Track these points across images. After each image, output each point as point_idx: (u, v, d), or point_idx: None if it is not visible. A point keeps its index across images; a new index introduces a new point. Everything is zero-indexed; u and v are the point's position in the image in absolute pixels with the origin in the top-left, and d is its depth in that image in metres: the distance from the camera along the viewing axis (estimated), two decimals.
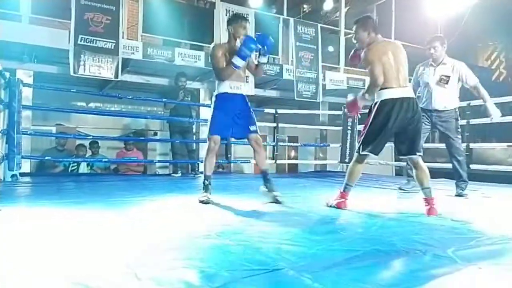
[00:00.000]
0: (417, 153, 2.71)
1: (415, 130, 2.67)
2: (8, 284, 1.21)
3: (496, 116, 3.87)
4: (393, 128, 2.65)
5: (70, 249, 1.61)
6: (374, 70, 2.60)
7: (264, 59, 3.10)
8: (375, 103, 2.72)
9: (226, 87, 3.02)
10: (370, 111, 2.74)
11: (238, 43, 2.94)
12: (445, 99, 3.92)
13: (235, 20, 3.08)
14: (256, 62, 3.17)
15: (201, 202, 2.92)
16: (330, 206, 2.80)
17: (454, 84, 3.92)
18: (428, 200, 2.64)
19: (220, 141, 3.15)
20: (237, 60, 2.88)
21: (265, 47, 2.99)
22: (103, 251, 1.59)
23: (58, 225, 2.08)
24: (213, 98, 3.11)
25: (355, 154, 2.83)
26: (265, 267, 1.38)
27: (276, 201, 2.93)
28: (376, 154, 2.76)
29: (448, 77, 3.91)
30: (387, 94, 2.63)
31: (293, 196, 3.49)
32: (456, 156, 3.93)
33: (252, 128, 3.07)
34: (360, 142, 2.76)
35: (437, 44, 3.96)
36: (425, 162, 2.78)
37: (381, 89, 2.65)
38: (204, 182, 3.10)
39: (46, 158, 5.66)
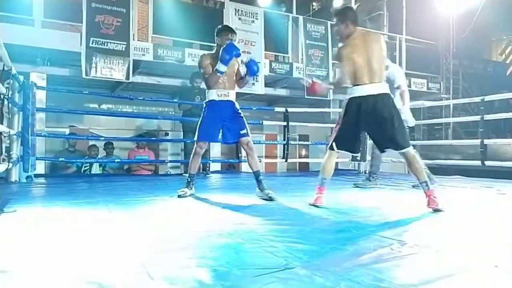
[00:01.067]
0: (401, 149, 2.65)
1: (387, 126, 2.60)
2: (23, 283, 1.24)
3: (411, 122, 4.11)
4: (362, 126, 2.66)
5: (83, 248, 1.63)
6: (341, 70, 2.69)
7: (247, 78, 3.34)
8: (346, 101, 2.74)
9: (214, 95, 3.25)
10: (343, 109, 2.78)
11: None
12: None
13: (222, 31, 3.35)
14: (242, 75, 3.36)
15: (179, 196, 3.16)
16: (312, 205, 2.77)
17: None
18: (426, 193, 2.61)
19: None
20: (219, 66, 3.08)
21: (250, 71, 3.24)
22: (116, 250, 1.61)
23: (71, 225, 2.11)
24: (204, 105, 3.31)
25: (327, 150, 2.87)
26: (277, 266, 1.37)
27: (269, 199, 3.04)
28: (349, 151, 2.85)
29: None
30: (355, 92, 2.65)
31: (304, 195, 3.48)
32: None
33: (242, 131, 3.24)
34: (332, 139, 2.80)
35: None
36: (437, 159, 2.74)
37: (353, 85, 2.66)
38: (187, 179, 3.35)
39: (60, 159, 5.75)
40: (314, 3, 11.10)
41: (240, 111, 3.31)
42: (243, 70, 3.33)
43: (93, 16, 5.45)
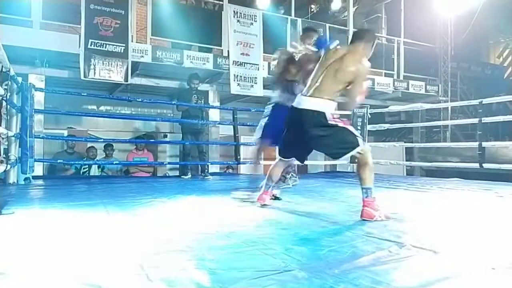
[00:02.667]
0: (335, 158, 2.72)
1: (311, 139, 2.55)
2: (21, 285, 1.23)
3: None
4: (291, 135, 2.65)
5: (82, 250, 1.63)
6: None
7: None
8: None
9: None
10: None
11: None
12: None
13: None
14: None
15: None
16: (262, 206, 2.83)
17: None
18: (363, 201, 2.43)
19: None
20: None
21: None
22: (114, 252, 1.60)
23: (70, 227, 2.11)
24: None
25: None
26: (275, 268, 1.37)
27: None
28: (289, 158, 2.85)
29: None
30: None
31: (303, 197, 3.48)
32: None
33: None
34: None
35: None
36: (436, 161, 2.76)
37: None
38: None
39: (59, 161, 5.75)
40: (312, 6, 11.14)
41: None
42: None
43: (92, 17, 5.45)
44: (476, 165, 5.20)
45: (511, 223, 2.40)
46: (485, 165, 5.14)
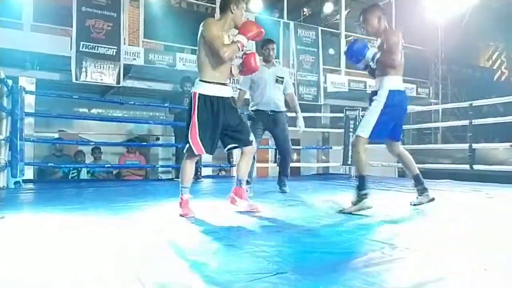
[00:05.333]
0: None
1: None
2: None
3: (302, 128, 4.06)
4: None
5: (73, 255, 1.61)
6: None
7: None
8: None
9: (399, 81, 2.83)
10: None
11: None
12: (281, 101, 3.92)
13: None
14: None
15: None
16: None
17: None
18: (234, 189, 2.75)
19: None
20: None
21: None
22: (106, 256, 1.59)
23: (61, 232, 2.09)
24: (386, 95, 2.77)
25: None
26: (268, 271, 1.37)
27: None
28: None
29: (283, 78, 3.90)
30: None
31: (296, 199, 3.49)
32: (290, 155, 4.09)
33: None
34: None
35: (274, 46, 3.92)
36: (427, 163, 2.83)
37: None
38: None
39: (49, 164, 5.68)
40: (305, 9, 11.19)
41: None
42: None
43: (84, 20, 5.42)
44: (467, 166, 5.26)
45: (501, 224, 2.43)
46: (476, 167, 5.20)
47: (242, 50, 2.57)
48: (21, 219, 2.42)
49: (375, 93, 2.76)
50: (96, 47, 5.48)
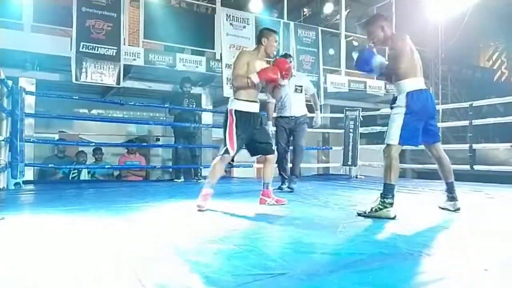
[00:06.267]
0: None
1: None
2: None
3: (317, 124, 4.65)
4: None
5: (73, 256, 1.61)
6: None
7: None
8: None
9: (421, 83, 2.80)
10: None
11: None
12: (301, 106, 4.43)
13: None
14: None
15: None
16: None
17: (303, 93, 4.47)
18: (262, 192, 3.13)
19: None
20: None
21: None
22: (107, 257, 1.59)
23: (61, 232, 2.08)
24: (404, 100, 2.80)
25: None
26: (269, 272, 1.37)
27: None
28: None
29: (301, 86, 4.42)
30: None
31: (296, 200, 3.49)
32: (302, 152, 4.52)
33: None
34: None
35: (291, 60, 4.50)
36: (427, 163, 2.82)
37: None
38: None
39: (50, 165, 5.69)
40: (305, 9, 11.20)
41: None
42: None
43: (84, 20, 5.42)
44: (467, 167, 5.26)
45: (502, 224, 2.43)
46: (476, 167, 5.20)
47: (250, 84, 2.95)
48: (21, 220, 2.42)
49: (394, 99, 2.71)
50: (96, 48, 5.48)
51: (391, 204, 2.53)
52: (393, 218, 2.48)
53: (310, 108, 4.61)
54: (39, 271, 1.40)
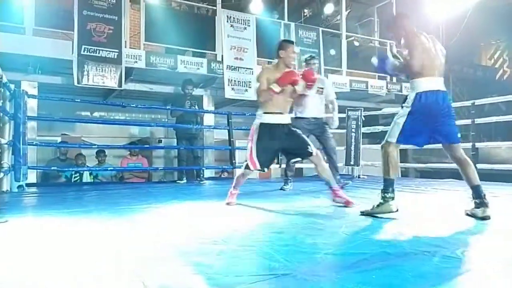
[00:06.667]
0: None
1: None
2: None
3: (334, 125, 4.49)
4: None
5: (77, 257, 1.61)
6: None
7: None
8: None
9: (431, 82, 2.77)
10: None
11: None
12: (320, 108, 4.44)
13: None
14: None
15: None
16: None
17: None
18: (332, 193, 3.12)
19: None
20: None
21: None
22: (110, 259, 1.59)
23: (64, 235, 2.09)
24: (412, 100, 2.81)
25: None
26: (272, 272, 1.37)
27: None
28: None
29: (323, 88, 4.42)
30: None
31: (298, 200, 3.48)
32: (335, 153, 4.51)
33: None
34: None
35: (316, 61, 4.53)
36: (430, 162, 2.78)
37: None
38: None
39: (52, 168, 5.70)
40: (305, 10, 11.20)
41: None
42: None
43: (85, 23, 5.44)
44: None
45: (507, 223, 2.42)
46: (479, 166, 5.16)
47: (272, 94, 3.00)
48: (24, 222, 2.42)
49: (405, 98, 2.68)
50: (98, 51, 5.49)
51: (392, 198, 2.54)
52: (396, 211, 2.50)
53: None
54: (40, 272, 1.41)
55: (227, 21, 6.60)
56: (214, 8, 6.74)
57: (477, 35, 11.54)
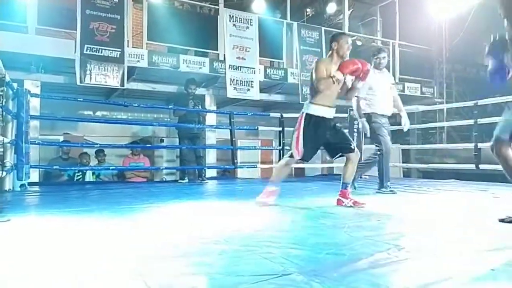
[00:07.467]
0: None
1: None
2: None
3: (407, 125, 4.19)
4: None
5: (79, 257, 1.61)
6: None
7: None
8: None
9: None
10: None
11: None
12: (392, 106, 4.17)
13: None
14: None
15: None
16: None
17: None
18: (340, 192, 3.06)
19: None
20: None
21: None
22: (112, 258, 1.59)
23: (66, 234, 2.09)
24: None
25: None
26: (274, 273, 1.37)
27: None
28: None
29: (393, 84, 4.20)
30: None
31: (300, 200, 3.48)
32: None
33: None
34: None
35: (385, 55, 4.17)
36: (432, 162, 2.76)
37: None
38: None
39: (55, 167, 5.71)
40: (308, 9, 11.17)
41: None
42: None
43: (88, 23, 5.45)
44: (473, 166, 5.22)
45: (508, 224, 2.40)
46: (481, 166, 5.16)
47: (339, 83, 2.93)
48: (26, 221, 2.43)
49: None
50: (100, 50, 5.50)
51: None
52: None
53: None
54: (41, 270, 1.41)
55: (230, 20, 6.60)
56: (217, 7, 6.75)
57: (479, 35, 11.47)
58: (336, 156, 3.16)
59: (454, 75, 10.29)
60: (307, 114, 3.03)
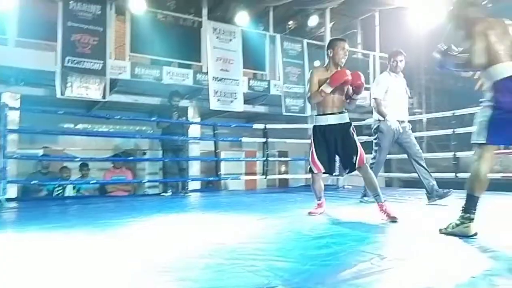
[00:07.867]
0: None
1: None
2: None
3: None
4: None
5: (59, 274, 1.57)
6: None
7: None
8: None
9: None
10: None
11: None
12: (406, 109, 4.11)
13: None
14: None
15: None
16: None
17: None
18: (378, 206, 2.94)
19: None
20: None
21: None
22: (94, 275, 1.56)
23: (46, 250, 2.04)
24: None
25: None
26: (258, 286, 1.36)
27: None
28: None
29: (407, 89, 4.14)
30: None
31: (285, 211, 3.48)
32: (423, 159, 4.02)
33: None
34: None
35: (402, 58, 4.08)
36: (413, 172, 2.79)
37: None
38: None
39: (33, 182, 5.57)
40: (290, 22, 11.33)
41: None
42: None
43: (69, 35, 5.38)
44: (452, 174, 5.34)
45: (488, 232, 2.46)
46: (460, 175, 5.27)
47: (323, 95, 2.99)
48: (4, 239, 2.36)
49: None
50: (82, 62, 5.44)
51: (472, 219, 2.22)
52: (473, 235, 2.18)
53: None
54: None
55: (213, 33, 6.64)
56: (200, 20, 6.78)
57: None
58: (346, 172, 3.15)
59: (432, 86, 10.57)
60: (313, 127, 3.12)
